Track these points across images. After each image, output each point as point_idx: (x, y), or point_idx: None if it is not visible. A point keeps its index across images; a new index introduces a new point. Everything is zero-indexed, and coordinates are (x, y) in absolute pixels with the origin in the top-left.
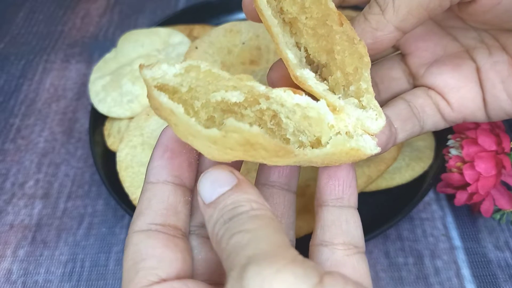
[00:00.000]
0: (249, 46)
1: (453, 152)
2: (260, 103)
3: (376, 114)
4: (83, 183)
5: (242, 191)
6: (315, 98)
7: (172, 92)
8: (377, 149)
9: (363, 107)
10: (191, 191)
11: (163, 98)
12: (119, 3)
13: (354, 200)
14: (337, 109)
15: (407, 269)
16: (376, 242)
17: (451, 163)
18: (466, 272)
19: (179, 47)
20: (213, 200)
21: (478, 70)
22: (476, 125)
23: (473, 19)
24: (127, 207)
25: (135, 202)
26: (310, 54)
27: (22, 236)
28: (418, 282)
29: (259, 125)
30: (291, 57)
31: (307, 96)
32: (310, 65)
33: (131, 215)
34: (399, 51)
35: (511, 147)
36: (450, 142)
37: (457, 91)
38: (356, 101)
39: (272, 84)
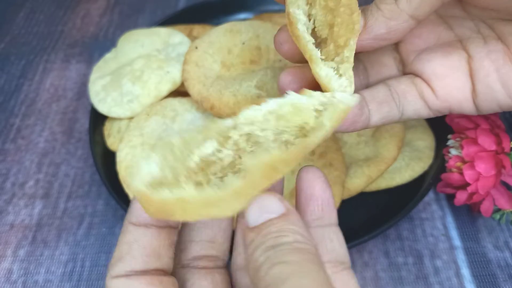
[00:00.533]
0: (249, 46)
1: (453, 152)
2: (231, 136)
3: (347, 83)
4: (83, 183)
5: (289, 221)
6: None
7: (159, 184)
8: (356, 98)
9: (339, 75)
10: (177, 229)
11: (167, 193)
12: (119, 3)
13: (334, 217)
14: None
15: (406, 269)
16: (376, 242)
17: (451, 163)
18: (465, 272)
19: (179, 47)
20: (258, 224)
21: (470, 60)
22: (476, 125)
23: (476, 2)
24: (127, 207)
25: None
26: (315, 27)
27: (22, 236)
28: (417, 282)
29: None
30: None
31: (272, 99)
32: (315, 39)
33: None
34: None
35: (511, 147)
36: (450, 142)
37: (443, 79)
38: (334, 65)
39: (280, 44)
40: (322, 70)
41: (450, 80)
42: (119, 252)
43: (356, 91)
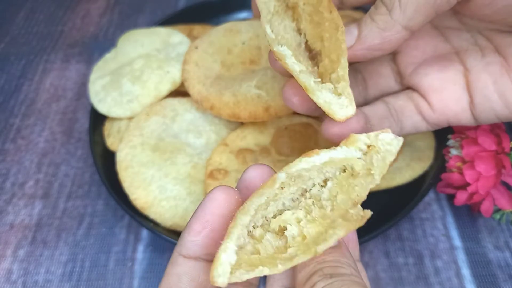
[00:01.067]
0: (249, 45)
1: (453, 152)
2: (279, 177)
3: (347, 102)
4: (83, 183)
5: (343, 254)
6: None
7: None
8: (400, 141)
9: (338, 94)
10: None
11: (246, 276)
12: (119, 3)
13: (357, 254)
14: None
15: (407, 269)
16: (376, 242)
17: (451, 163)
18: (466, 272)
19: (179, 47)
20: None
21: (467, 73)
22: (476, 125)
23: (472, 14)
24: (127, 207)
25: (134, 202)
26: (308, 41)
27: (22, 236)
28: (418, 282)
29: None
30: (268, 31)
31: (323, 152)
32: (309, 52)
33: (131, 215)
34: None
35: (511, 147)
36: (450, 142)
37: (440, 93)
38: (332, 86)
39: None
40: (320, 98)
41: (446, 94)
42: (168, 283)
43: (357, 104)
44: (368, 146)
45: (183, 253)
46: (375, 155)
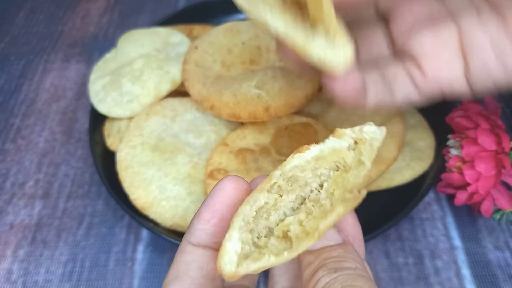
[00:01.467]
0: (249, 45)
1: (453, 152)
2: (277, 182)
3: (343, 42)
4: (83, 183)
5: (347, 250)
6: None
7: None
8: (383, 131)
9: (333, 43)
10: None
11: (252, 266)
12: (119, 3)
13: (362, 252)
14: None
15: (407, 269)
16: (376, 242)
17: (451, 163)
18: (466, 272)
19: (179, 47)
20: (317, 248)
21: (461, 36)
22: (476, 125)
23: None
24: (127, 207)
25: (135, 202)
26: None
27: (22, 236)
28: (418, 282)
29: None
30: None
31: (314, 146)
32: (300, 9)
33: (131, 215)
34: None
35: (511, 147)
36: (450, 142)
37: (432, 57)
38: (323, 33)
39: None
40: (313, 53)
41: (439, 59)
42: (176, 270)
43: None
44: (355, 142)
45: (192, 241)
46: (363, 145)
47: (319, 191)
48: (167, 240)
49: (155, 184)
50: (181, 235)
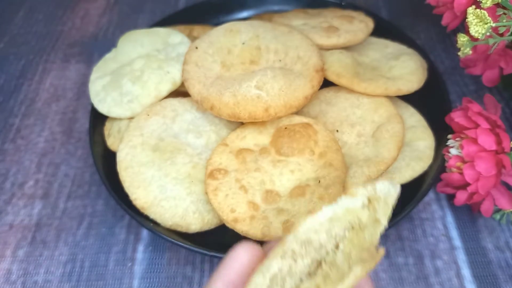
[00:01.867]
0: (249, 46)
1: (453, 152)
2: (291, 247)
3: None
4: (83, 183)
5: None
6: None
7: None
8: (397, 187)
9: None
10: None
11: None
12: (119, 3)
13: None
14: None
15: (407, 269)
16: None
17: (451, 163)
18: (466, 272)
19: (179, 47)
20: None
21: None
22: (476, 125)
23: None
24: (127, 207)
25: (135, 202)
26: None
27: (21, 236)
28: (418, 282)
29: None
30: None
31: (326, 207)
32: None
33: (131, 215)
34: None
35: (511, 147)
36: (450, 142)
37: None
38: None
39: None
40: None
41: None
42: None
43: None
44: (369, 201)
45: (223, 279)
46: (377, 203)
47: (335, 253)
48: (167, 240)
49: (155, 184)
50: (181, 235)
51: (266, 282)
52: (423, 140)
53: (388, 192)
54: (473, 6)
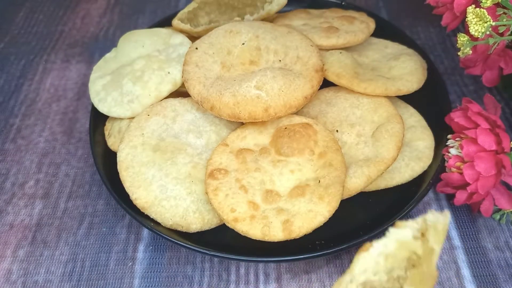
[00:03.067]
0: (249, 46)
1: (453, 152)
2: None
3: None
4: (83, 183)
5: None
6: None
7: None
8: (447, 215)
9: None
10: None
11: None
12: (119, 3)
13: None
14: None
15: None
16: None
17: (451, 163)
18: (466, 272)
19: (179, 48)
20: None
21: None
22: (476, 125)
23: None
24: (128, 207)
25: (135, 202)
26: None
27: (22, 236)
28: None
29: None
30: None
31: (376, 242)
32: None
33: (132, 215)
34: None
35: (511, 147)
36: (450, 142)
37: None
38: None
39: None
40: None
41: None
42: None
43: None
44: (422, 234)
45: None
46: (428, 232)
47: None
48: (168, 239)
49: (155, 184)
50: (182, 234)
51: None
52: (422, 140)
53: (437, 221)
54: (473, 6)
